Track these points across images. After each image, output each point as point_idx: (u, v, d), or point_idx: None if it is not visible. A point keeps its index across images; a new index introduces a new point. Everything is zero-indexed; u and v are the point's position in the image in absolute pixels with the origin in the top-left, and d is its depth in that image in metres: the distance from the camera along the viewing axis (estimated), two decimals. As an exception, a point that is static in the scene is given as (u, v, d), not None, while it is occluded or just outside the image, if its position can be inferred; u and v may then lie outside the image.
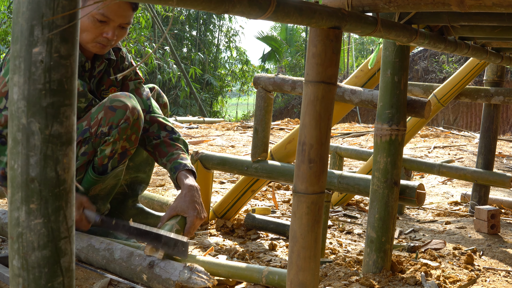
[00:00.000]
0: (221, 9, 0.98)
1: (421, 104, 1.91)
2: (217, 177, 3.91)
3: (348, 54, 18.41)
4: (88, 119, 1.99)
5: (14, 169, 0.81)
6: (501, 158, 5.62)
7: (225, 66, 19.27)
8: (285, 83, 2.36)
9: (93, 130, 1.97)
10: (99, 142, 1.99)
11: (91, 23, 1.96)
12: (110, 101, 1.98)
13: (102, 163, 2.01)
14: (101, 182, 2.03)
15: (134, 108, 1.99)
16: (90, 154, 2.01)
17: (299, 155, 1.34)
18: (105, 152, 2.00)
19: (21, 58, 0.79)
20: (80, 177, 2.02)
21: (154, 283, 1.66)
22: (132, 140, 2.03)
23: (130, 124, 1.99)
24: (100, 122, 1.97)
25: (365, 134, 7.48)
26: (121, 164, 2.06)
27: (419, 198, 1.91)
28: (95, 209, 2.02)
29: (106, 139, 1.98)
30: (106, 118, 1.97)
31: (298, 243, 1.35)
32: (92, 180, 2.01)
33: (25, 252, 0.82)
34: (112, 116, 1.97)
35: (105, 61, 2.13)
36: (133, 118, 1.99)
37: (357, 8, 1.46)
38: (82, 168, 2.02)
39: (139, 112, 2.02)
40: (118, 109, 1.97)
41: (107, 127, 1.97)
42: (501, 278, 2.01)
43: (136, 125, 2.02)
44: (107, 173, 2.03)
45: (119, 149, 2.01)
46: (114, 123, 1.97)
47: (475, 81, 10.21)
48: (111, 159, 2.01)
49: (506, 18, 1.69)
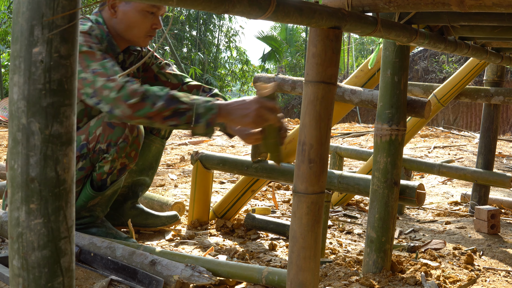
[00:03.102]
0: (221, 9, 0.98)
1: (421, 104, 1.91)
2: (217, 177, 3.91)
3: (348, 54, 18.40)
4: (86, 133, 1.97)
5: (14, 169, 0.81)
6: (501, 158, 5.61)
7: (225, 66, 19.27)
8: (285, 83, 2.36)
9: (91, 146, 1.96)
10: (97, 158, 1.98)
11: (142, 17, 1.99)
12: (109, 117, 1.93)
13: (101, 178, 2.01)
14: (100, 196, 2.03)
15: (133, 126, 1.97)
16: (88, 169, 2.00)
17: (299, 155, 1.34)
18: (104, 168, 1.99)
19: (21, 58, 0.79)
20: (77, 190, 2.01)
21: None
22: (132, 157, 2.03)
23: (129, 143, 1.98)
24: (98, 138, 1.95)
25: (365, 134, 7.48)
26: (121, 177, 2.07)
27: (419, 198, 1.91)
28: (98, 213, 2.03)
29: (105, 156, 1.97)
30: (104, 135, 1.95)
31: (298, 243, 1.35)
32: (90, 195, 2.02)
33: (25, 252, 0.82)
34: (111, 133, 1.95)
35: (134, 53, 2.16)
36: (132, 136, 1.98)
37: (357, 8, 1.46)
38: (79, 182, 2.01)
39: (139, 128, 2.00)
40: (116, 127, 1.95)
41: (105, 144, 1.96)
42: (501, 278, 2.01)
43: (136, 142, 2.01)
44: (106, 187, 2.03)
45: (118, 166, 2.01)
46: (112, 140, 1.95)
47: (475, 81, 10.21)
48: (110, 175, 2.02)
49: (506, 18, 1.69)
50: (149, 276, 1.65)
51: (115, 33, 2.04)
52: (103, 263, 1.77)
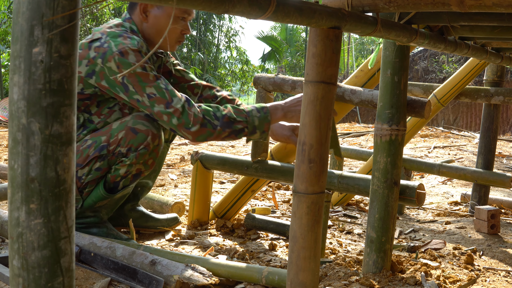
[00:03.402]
0: (221, 9, 0.98)
1: (421, 104, 1.91)
2: (217, 177, 3.91)
3: (348, 54, 18.41)
4: (108, 135, 1.98)
5: (14, 169, 0.81)
6: (501, 158, 5.61)
7: (225, 66, 19.28)
8: (285, 83, 2.36)
9: (111, 148, 1.97)
10: (115, 160, 1.99)
11: (173, 22, 2.01)
12: (134, 122, 1.96)
13: (115, 180, 2.02)
14: (110, 198, 2.04)
15: (156, 135, 1.99)
16: (104, 170, 2.01)
17: (299, 155, 1.34)
18: (119, 171, 2.00)
19: (21, 58, 0.79)
20: (90, 189, 2.02)
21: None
22: (149, 164, 2.05)
23: (149, 150, 2.00)
24: (120, 142, 1.96)
25: (365, 134, 7.48)
26: (133, 183, 2.07)
27: (419, 198, 1.91)
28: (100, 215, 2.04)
29: (123, 159, 1.99)
30: (126, 139, 1.96)
31: (298, 243, 1.35)
32: (101, 196, 2.02)
33: (25, 252, 0.82)
34: (133, 138, 1.96)
35: (161, 56, 2.21)
36: (153, 145, 2.00)
37: (357, 8, 1.46)
38: (94, 182, 2.02)
39: (160, 138, 2.02)
40: (139, 133, 1.96)
41: (125, 148, 1.97)
42: (501, 278, 2.01)
43: (155, 150, 2.03)
44: (117, 190, 2.04)
45: (133, 171, 2.02)
46: (133, 146, 1.97)
47: (475, 81, 10.21)
48: (124, 178, 2.03)
49: (506, 18, 1.69)
50: (149, 276, 1.65)
51: (145, 37, 2.06)
52: (103, 263, 1.77)
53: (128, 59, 1.88)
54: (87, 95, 2.00)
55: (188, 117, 1.86)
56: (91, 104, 2.02)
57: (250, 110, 1.97)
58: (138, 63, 1.86)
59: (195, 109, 1.88)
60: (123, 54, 1.89)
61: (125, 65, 1.88)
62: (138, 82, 1.87)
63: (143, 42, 1.96)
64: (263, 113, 1.97)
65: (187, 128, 1.86)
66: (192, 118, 1.86)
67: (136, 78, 1.87)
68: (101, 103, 2.03)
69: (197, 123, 1.86)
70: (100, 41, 1.95)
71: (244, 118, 1.93)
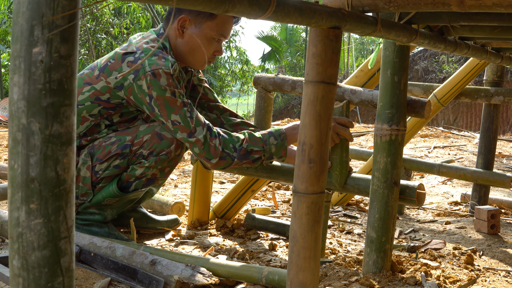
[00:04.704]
0: (221, 9, 0.98)
1: (421, 104, 1.91)
2: (217, 177, 3.91)
3: (348, 54, 18.41)
4: (133, 136, 2.00)
5: (14, 169, 0.81)
6: (501, 158, 5.61)
7: (225, 66, 19.27)
8: (285, 83, 2.36)
9: (134, 148, 1.99)
10: (134, 161, 2.01)
11: (207, 42, 2.03)
12: (161, 128, 1.99)
13: (128, 179, 2.03)
14: (118, 198, 2.04)
15: (179, 145, 2.02)
16: (122, 169, 2.02)
17: (299, 155, 1.34)
18: (136, 172, 2.02)
19: (21, 58, 0.79)
20: (103, 185, 2.03)
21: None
22: (165, 172, 2.07)
23: (169, 158, 2.02)
24: (144, 144, 1.98)
25: (365, 134, 7.48)
26: (145, 188, 2.08)
27: (419, 198, 1.91)
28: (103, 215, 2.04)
29: (142, 161, 2.00)
30: (150, 142, 1.98)
31: (298, 243, 1.35)
32: (113, 193, 2.02)
33: (25, 252, 0.82)
34: (157, 143, 1.99)
35: (190, 71, 2.22)
36: (174, 154, 2.02)
37: (357, 8, 1.46)
38: (109, 179, 2.03)
39: (183, 149, 2.05)
40: (164, 139, 1.99)
41: (148, 151, 1.99)
42: (501, 278, 2.01)
43: (175, 160, 2.05)
44: (128, 190, 2.05)
45: (149, 175, 2.03)
46: (155, 150, 1.99)
47: (475, 81, 10.21)
48: (138, 180, 2.03)
49: (506, 18, 1.69)
50: (149, 276, 1.65)
51: (177, 52, 2.07)
52: (103, 263, 1.77)
53: (159, 81, 1.90)
54: (112, 105, 2.01)
55: (209, 149, 1.93)
56: (115, 113, 2.04)
57: (267, 139, 2.01)
58: (168, 86, 1.90)
59: (216, 141, 1.94)
60: (155, 75, 1.90)
61: (156, 86, 1.90)
62: (165, 106, 1.90)
63: (176, 65, 1.95)
64: (280, 140, 2.02)
65: (207, 158, 1.94)
66: (212, 151, 1.93)
67: (164, 102, 1.90)
68: (124, 114, 2.05)
69: (217, 156, 1.94)
70: (134, 56, 1.96)
71: (261, 148, 2.00)
